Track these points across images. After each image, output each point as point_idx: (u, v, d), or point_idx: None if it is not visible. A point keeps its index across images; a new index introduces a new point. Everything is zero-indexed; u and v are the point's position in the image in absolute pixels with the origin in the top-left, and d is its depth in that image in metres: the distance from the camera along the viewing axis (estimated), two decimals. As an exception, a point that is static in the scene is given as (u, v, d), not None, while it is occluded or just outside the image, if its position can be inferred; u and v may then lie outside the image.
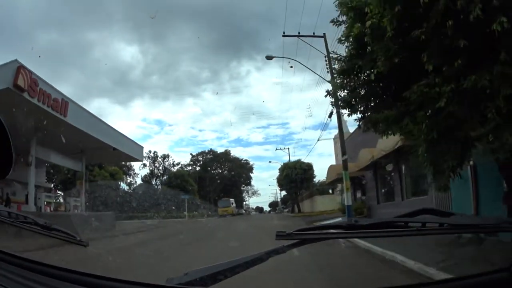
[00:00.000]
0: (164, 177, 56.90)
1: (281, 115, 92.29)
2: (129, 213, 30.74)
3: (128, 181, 53.80)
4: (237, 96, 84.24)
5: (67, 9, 56.67)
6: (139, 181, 57.08)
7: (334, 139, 61.71)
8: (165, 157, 64.30)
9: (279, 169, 39.21)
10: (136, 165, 57.23)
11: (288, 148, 50.78)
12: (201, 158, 68.02)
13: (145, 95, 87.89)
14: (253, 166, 72.37)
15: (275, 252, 0.95)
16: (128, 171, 53.36)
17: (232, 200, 49.61)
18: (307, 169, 35.66)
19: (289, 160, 40.87)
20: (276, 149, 53.43)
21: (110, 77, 68.64)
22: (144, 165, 58.87)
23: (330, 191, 38.03)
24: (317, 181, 42.23)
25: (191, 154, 71.18)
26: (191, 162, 67.96)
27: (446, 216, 0.97)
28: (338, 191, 28.69)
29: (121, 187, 48.17)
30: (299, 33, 15.87)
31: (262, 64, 79.11)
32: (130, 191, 47.35)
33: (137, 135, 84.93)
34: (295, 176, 34.40)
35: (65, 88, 64.33)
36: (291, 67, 57.17)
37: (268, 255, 0.96)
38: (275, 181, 46.73)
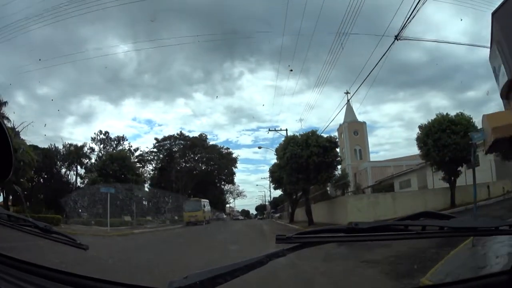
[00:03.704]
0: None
1: (271, 119, 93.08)
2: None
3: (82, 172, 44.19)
4: (228, 98, 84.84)
5: (61, 3, 56.55)
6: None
7: (338, 129, 58.60)
8: (119, 140, 50.38)
9: (276, 150, 24.87)
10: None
11: (286, 130, 33.06)
12: (168, 144, 55.57)
13: (137, 94, 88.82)
14: (238, 158, 61.11)
15: (275, 255, 1.01)
16: (78, 159, 43.85)
17: (204, 201, 38.10)
18: (329, 146, 20.44)
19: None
20: (269, 130, 37.66)
21: (102, 74, 68.61)
22: (92, 149, 47.42)
23: (334, 191, 30.77)
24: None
25: (155, 138, 57.56)
26: (155, 149, 55.41)
27: (446, 219, 1.03)
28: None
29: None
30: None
31: (256, 66, 79.59)
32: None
33: (127, 134, 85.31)
34: (307, 159, 19.83)
35: (57, 83, 63.96)
36: (291, 70, 55.98)
37: (268, 258, 1.01)
38: (265, 178, 36.61)
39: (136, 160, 48.75)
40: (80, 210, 26.48)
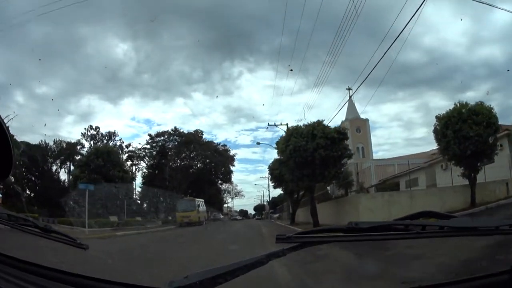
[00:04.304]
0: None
1: (270, 118, 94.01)
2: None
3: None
4: (227, 97, 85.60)
5: (60, 1, 56.80)
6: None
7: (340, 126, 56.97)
8: (111, 135, 48.25)
9: (276, 144, 21.93)
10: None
11: (287, 124, 29.59)
12: (162, 141, 53.50)
13: (136, 93, 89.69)
14: (235, 156, 59.32)
15: (275, 255, 1.02)
16: (70, 156, 42.38)
17: (199, 201, 36.21)
18: (338, 138, 18.64)
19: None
20: (268, 126, 36.10)
21: (102, 73, 69.01)
22: (82, 146, 45.90)
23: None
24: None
25: (149, 134, 55.60)
26: (148, 146, 53.30)
27: (446, 218, 1.04)
28: None
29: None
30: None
31: (255, 65, 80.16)
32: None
33: (126, 133, 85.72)
34: (313, 153, 17.76)
35: (56, 82, 64.29)
36: (291, 70, 55.31)
37: (268, 258, 1.02)
38: (263, 177, 35.41)
39: (125, 156, 47.22)
40: (63, 209, 24.75)
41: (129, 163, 47.19)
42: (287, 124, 29.99)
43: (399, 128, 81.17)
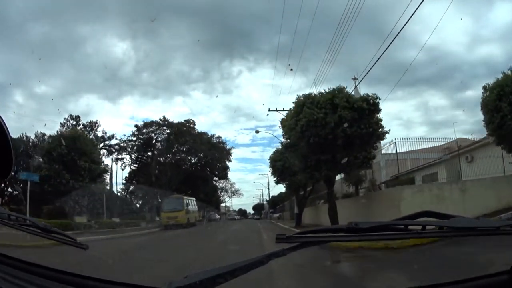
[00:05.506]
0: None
1: (269, 118, 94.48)
2: None
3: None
4: (227, 96, 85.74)
5: (60, 1, 56.95)
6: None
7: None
8: (93, 125, 43.43)
9: (281, 122, 16.70)
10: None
11: (290, 109, 17.49)
12: (152, 133, 49.48)
13: (135, 92, 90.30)
14: (231, 151, 55.96)
15: (275, 255, 1.03)
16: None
17: (188, 199, 32.25)
18: (368, 109, 13.64)
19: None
20: (269, 111, 28.13)
21: (100, 72, 69.09)
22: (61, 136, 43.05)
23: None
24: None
25: (136, 125, 51.25)
26: (134, 138, 49.12)
27: (446, 218, 1.05)
28: None
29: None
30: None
31: (254, 64, 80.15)
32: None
33: (124, 132, 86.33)
34: (334, 129, 13.14)
35: (56, 81, 64.56)
36: (291, 70, 55.28)
37: (268, 258, 1.04)
38: (263, 174, 32.58)
39: (101, 146, 42.61)
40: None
41: (110, 157, 43.47)
42: (290, 109, 22.70)
43: (399, 127, 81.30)
